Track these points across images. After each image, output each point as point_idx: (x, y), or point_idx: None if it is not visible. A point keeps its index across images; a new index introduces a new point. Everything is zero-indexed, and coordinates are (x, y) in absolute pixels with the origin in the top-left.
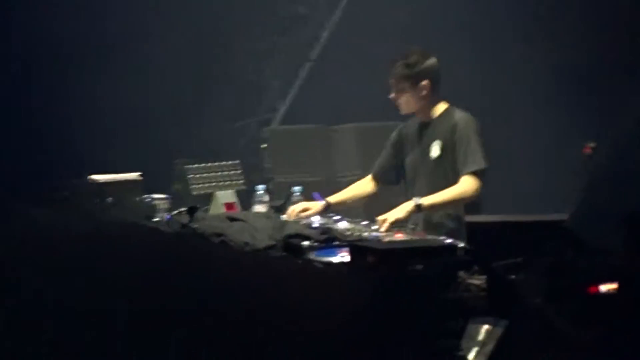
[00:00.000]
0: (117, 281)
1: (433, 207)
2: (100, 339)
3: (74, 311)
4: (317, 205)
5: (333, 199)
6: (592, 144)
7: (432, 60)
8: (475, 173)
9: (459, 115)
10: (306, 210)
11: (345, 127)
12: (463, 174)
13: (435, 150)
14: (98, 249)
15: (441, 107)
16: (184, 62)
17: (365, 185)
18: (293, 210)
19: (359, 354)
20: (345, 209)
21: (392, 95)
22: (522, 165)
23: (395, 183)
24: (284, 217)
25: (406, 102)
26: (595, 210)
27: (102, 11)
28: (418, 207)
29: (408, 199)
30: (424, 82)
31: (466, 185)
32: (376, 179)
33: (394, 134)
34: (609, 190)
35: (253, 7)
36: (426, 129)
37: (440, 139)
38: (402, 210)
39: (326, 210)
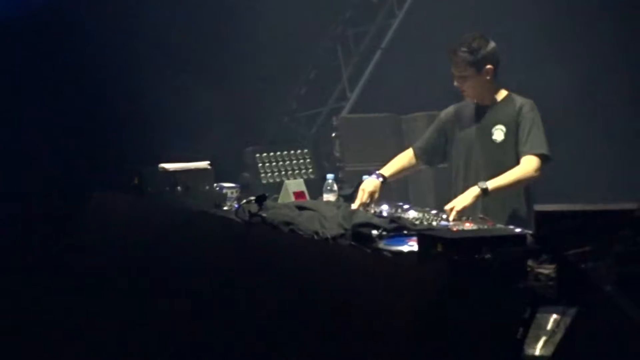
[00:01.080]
0: (187, 268)
1: (498, 190)
2: (169, 325)
3: (144, 295)
4: (377, 184)
5: (386, 172)
6: None
7: (492, 45)
8: (537, 155)
9: (523, 100)
10: (372, 196)
11: (416, 115)
12: (525, 154)
13: (499, 134)
14: (169, 236)
15: (502, 93)
16: (255, 50)
17: (409, 159)
18: (360, 201)
19: (429, 343)
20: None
21: (456, 82)
22: (592, 154)
23: (431, 164)
24: (354, 205)
25: (472, 88)
26: None
27: (172, 4)
28: (484, 192)
29: (466, 183)
30: (488, 67)
31: (528, 165)
32: (416, 155)
33: (442, 115)
34: None
35: None
36: (486, 113)
37: (503, 123)
38: (468, 197)
39: (384, 184)
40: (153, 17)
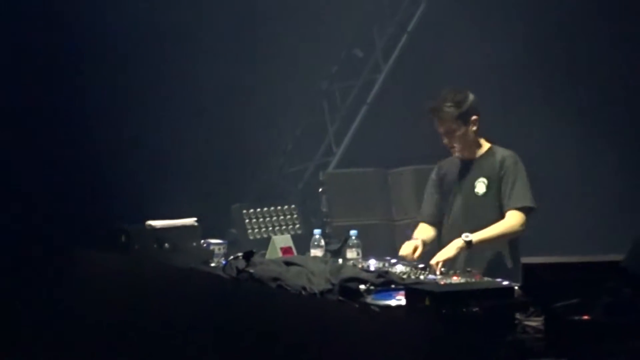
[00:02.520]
0: (175, 324)
1: (482, 243)
2: None
3: (133, 354)
4: (420, 243)
5: (423, 237)
6: None
7: (472, 96)
8: (521, 209)
9: (505, 152)
10: (416, 250)
11: (403, 169)
12: (509, 209)
13: (481, 187)
14: (156, 293)
15: (485, 145)
16: (241, 106)
17: (428, 230)
18: (407, 248)
19: None
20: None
21: (446, 139)
22: (577, 206)
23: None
24: (340, 260)
25: (462, 141)
26: None
27: (169, 59)
28: (468, 244)
29: (451, 238)
30: (474, 117)
31: (513, 219)
32: (431, 223)
33: (432, 175)
34: None
35: (310, 51)
36: (470, 166)
37: (485, 176)
38: (452, 249)
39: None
40: (145, 72)
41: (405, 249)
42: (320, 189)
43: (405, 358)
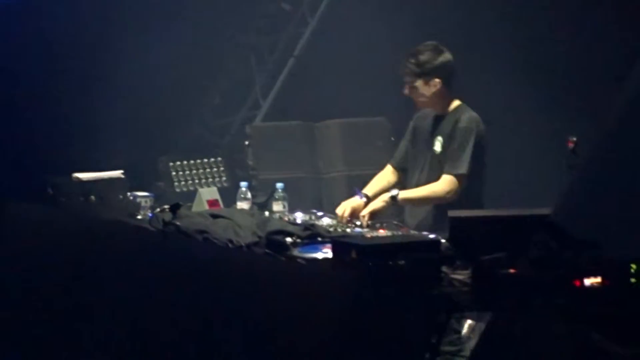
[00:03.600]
0: (101, 277)
1: (408, 201)
2: (84, 332)
3: (60, 306)
4: (360, 203)
5: (369, 192)
6: (573, 138)
7: (444, 57)
8: (455, 176)
9: (465, 115)
10: (355, 212)
11: (329, 122)
12: (445, 172)
13: (437, 145)
14: (83, 246)
15: (454, 104)
16: (169, 60)
17: (389, 176)
18: (343, 213)
19: (344, 350)
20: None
21: (407, 90)
22: (506, 161)
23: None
24: (267, 213)
25: (421, 98)
26: (578, 204)
27: (87, 11)
28: (393, 199)
29: (408, 187)
30: (436, 80)
31: (445, 185)
32: (396, 168)
33: (411, 123)
34: (593, 184)
35: (237, 4)
36: (439, 122)
37: (442, 135)
38: (379, 201)
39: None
40: (67, 26)
41: (340, 209)
42: (246, 142)
43: (331, 311)
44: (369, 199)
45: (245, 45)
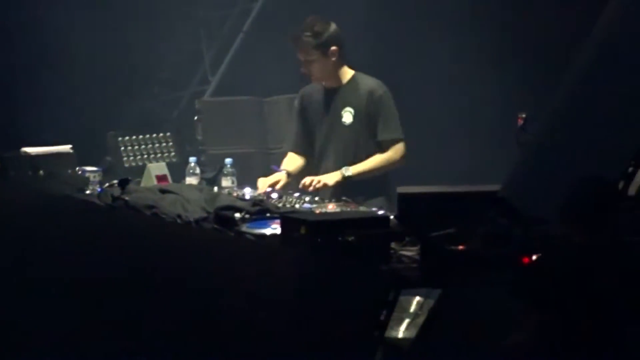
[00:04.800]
0: (49, 251)
1: (360, 175)
2: (33, 307)
3: (7, 280)
4: (283, 176)
5: (289, 168)
6: (523, 115)
7: (334, 27)
8: (400, 140)
9: (372, 82)
10: (275, 184)
11: (277, 98)
12: (386, 141)
13: (347, 116)
14: (31, 220)
15: (348, 73)
16: (117, 33)
17: (296, 160)
18: (263, 184)
19: (292, 326)
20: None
21: (303, 68)
22: (455, 137)
23: (313, 154)
24: (216, 188)
25: (320, 70)
26: (528, 180)
27: None
28: (345, 178)
29: (320, 166)
30: (333, 48)
31: (396, 152)
32: (298, 152)
33: (296, 103)
34: (542, 161)
35: None
36: (334, 95)
37: (351, 105)
38: (331, 179)
39: (289, 177)
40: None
41: (262, 185)
42: (195, 117)
43: (280, 286)
44: (290, 174)
45: (195, 19)
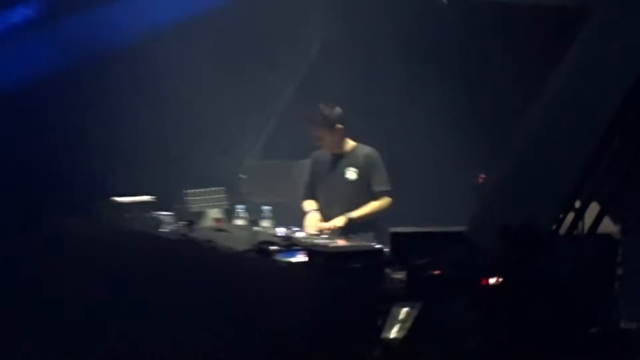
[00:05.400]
0: (132, 277)
1: (359, 218)
2: (121, 322)
3: (98, 301)
4: (318, 215)
5: (315, 207)
6: (483, 175)
7: (339, 110)
8: (387, 192)
9: (368, 149)
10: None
11: (303, 162)
12: (380, 193)
13: (351, 174)
14: (117, 253)
15: (350, 143)
16: (181, 107)
17: (313, 203)
18: (313, 225)
19: (312, 329)
20: None
21: (316, 140)
22: (426, 186)
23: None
24: (257, 228)
25: (329, 143)
26: (486, 223)
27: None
28: (350, 220)
29: (327, 211)
30: (339, 126)
31: (384, 201)
32: (311, 198)
33: (310, 164)
34: (497, 209)
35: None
36: (340, 159)
37: (354, 166)
38: (339, 221)
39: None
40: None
41: (313, 220)
42: (242, 176)
43: (303, 300)
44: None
45: (243, 101)
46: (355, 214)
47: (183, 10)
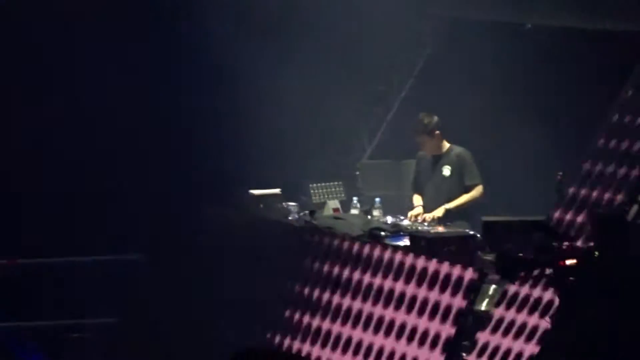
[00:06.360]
0: (268, 254)
1: (455, 208)
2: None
3: (243, 268)
4: (421, 209)
5: (420, 203)
6: (561, 173)
7: (436, 118)
8: (480, 185)
9: (459, 149)
10: (419, 214)
11: (408, 161)
12: (472, 185)
13: (446, 171)
14: (255, 236)
15: (446, 145)
16: (308, 116)
17: (419, 198)
18: (412, 214)
19: (414, 303)
20: None
21: (420, 144)
22: (512, 180)
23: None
24: (369, 216)
25: (429, 147)
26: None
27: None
28: (448, 210)
29: (429, 202)
30: (437, 132)
31: (477, 192)
32: (417, 192)
33: (415, 164)
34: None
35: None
36: (439, 159)
37: (449, 165)
38: (439, 212)
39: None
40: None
41: (416, 212)
42: (357, 172)
43: (408, 278)
44: (423, 207)
45: (358, 111)
46: (452, 204)
47: None
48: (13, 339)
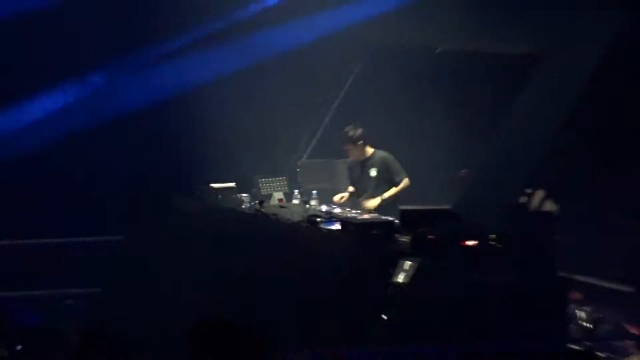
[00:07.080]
0: (222, 239)
1: (389, 198)
2: (214, 260)
3: (204, 248)
4: (347, 195)
5: (351, 191)
6: (464, 170)
7: (360, 130)
8: (405, 179)
9: (383, 153)
10: (342, 198)
11: (340, 161)
12: (401, 180)
13: (373, 172)
14: (214, 221)
15: (370, 150)
16: (259, 121)
17: (350, 189)
18: (337, 198)
19: (345, 274)
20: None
21: (347, 152)
22: (425, 176)
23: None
24: (308, 205)
25: (354, 153)
26: (470, 203)
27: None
28: (383, 200)
29: (362, 197)
30: (360, 142)
31: (405, 184)
32: (351, 186)
33: (348, 166)
34: (477, 193)
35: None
36: (365, 163)
37: (374, 167)
38: (374, 202)
39: (351, 196)
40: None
41: (337, 198)
42: (298, 169)
43: (339, 257)
44: (351, 194)
45: (301, 116)
46: (386, 194)
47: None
48: (10, 305)
